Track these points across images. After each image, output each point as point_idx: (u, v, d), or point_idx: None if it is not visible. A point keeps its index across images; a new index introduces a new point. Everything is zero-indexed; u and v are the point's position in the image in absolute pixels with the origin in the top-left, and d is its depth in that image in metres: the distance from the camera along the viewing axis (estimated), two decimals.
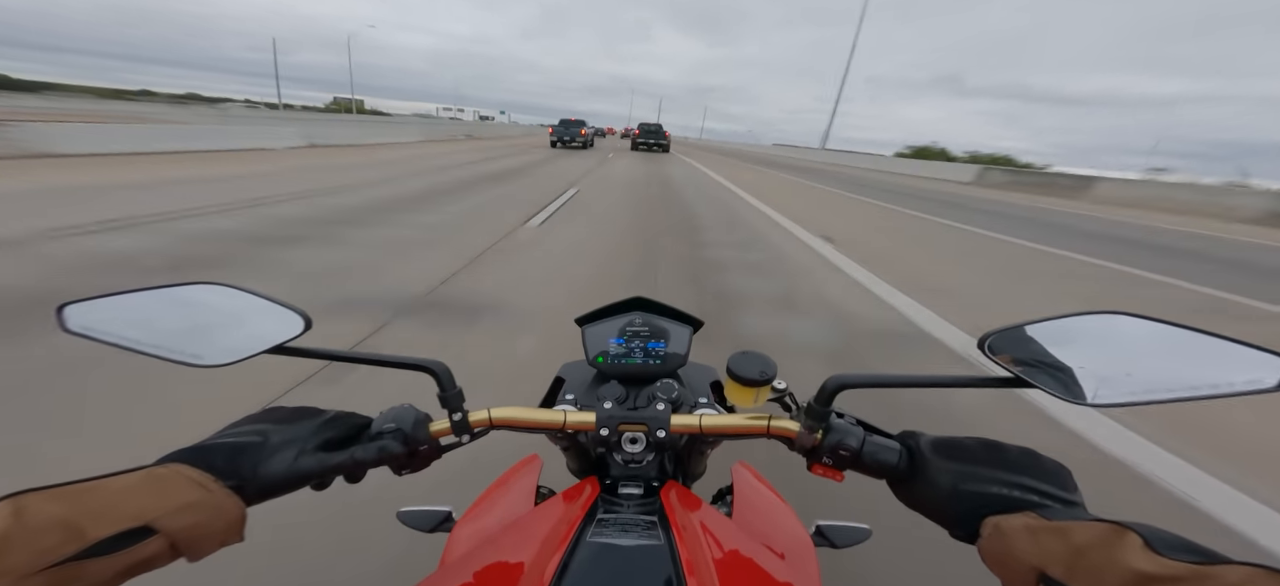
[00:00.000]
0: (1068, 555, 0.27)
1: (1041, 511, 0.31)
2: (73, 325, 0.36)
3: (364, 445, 0.40)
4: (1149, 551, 0.24)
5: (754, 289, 3.38)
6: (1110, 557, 0.25)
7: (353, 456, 0.39)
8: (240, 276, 2.87)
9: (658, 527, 0.41)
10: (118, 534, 0.26)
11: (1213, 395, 0.30)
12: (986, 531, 0.32)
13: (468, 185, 7.55)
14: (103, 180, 5.84)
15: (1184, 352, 0.32)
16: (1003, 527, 0.31)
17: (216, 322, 0.40)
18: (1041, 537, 0.29)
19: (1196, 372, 0.31)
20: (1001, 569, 0.31)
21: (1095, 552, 0.26)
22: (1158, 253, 6.01)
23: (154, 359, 0.37)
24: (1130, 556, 0.24)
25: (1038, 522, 0.30)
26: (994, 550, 0.31)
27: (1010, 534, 0.30)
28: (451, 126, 31.03)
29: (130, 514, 0.27)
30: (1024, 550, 0.29)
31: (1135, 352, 0.33)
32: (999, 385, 0.37)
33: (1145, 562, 0.24)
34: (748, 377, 0.44)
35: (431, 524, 0.61)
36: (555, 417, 0.46)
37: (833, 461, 0.41)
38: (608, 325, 0.59)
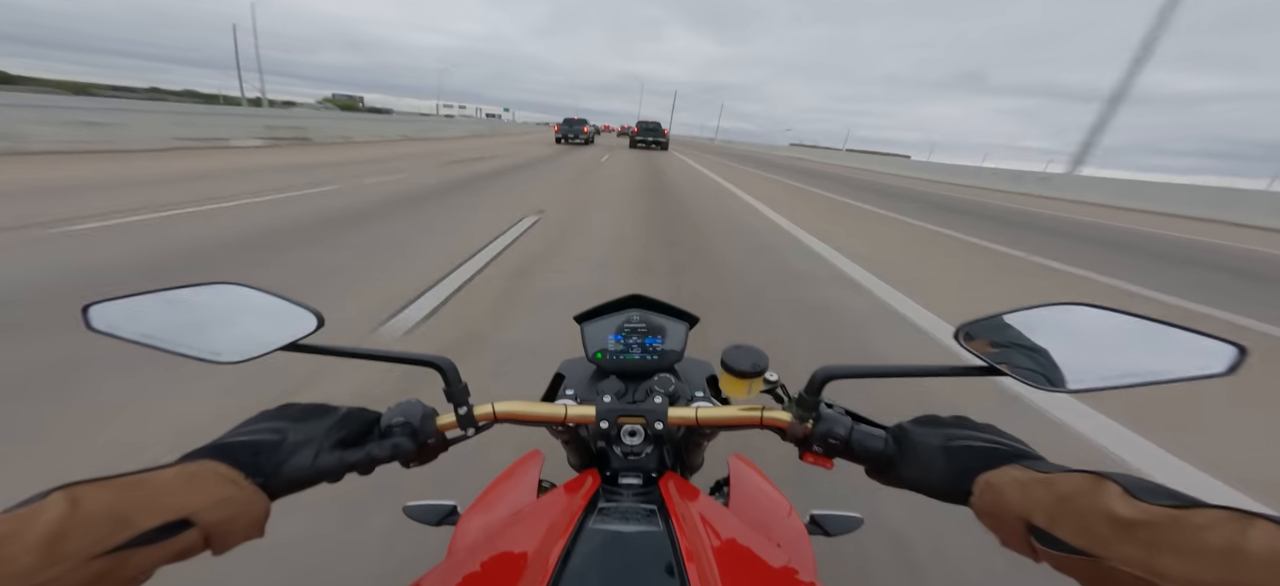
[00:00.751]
0: (1053, 503, 0.28)
1: (1028, 462, 0.33)
2: (96, 324, 0.37)
3: (376, 441, 0.42)
4: (1128, 497, 0.26)
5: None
6: (1093, 504, 0.27)
7: (368, 453, 0.41)
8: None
9: (657, 516, 0.43)
10: (161, 525, 0.28)
11: (1169, 380, 0.32)
12: (979, 488, 0.33)
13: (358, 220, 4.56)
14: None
15: (1143, 341, 0.34)
16: (993, 482, 0.32)
17: (232, 321, 0.41)
18: (1029, 488, 0.30)
19: (1155, 360, 0.33)
20: (994, 522, 0.32)
21: (1079, 500, 0.27)
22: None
23: (174, 355, 0.39)
24: (1111, 502, 0.26)
25: (1025, 474, 0.31)
26: (986, 504, 0.33)
27: (1000, 486, 0.32)
28: (433, 125, 27.71)
29: (172, 507, 0.29)
30: (1014, 500, 0.31)
31: (1099, 341, 0.36)
32: (975, 373, 0.40)
33: (1125, 508, 0.25)
34: (741, 370, 0.46)
35: (437, 517, 0.63)
36: (556, 411, 0.48)
37: (823, 449, 0.43)
38: (606, 322, 0.60)
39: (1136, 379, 0.34)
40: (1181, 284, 4.39)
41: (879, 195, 11.03)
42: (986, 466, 0.34)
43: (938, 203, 10.62)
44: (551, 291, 3.04)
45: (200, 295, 0.41)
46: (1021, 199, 13.60)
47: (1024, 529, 0.30)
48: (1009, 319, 0.39)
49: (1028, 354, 0.38)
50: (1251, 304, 3.80)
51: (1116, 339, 0.35)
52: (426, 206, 5.52)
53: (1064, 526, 0.28)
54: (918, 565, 1.15)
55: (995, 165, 26.75)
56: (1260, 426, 1.94)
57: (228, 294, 0.42)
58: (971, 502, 0.34)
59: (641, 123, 26.17)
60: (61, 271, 2.78)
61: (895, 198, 10.81)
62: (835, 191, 10.94)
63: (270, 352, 0.41)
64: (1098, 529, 0.26)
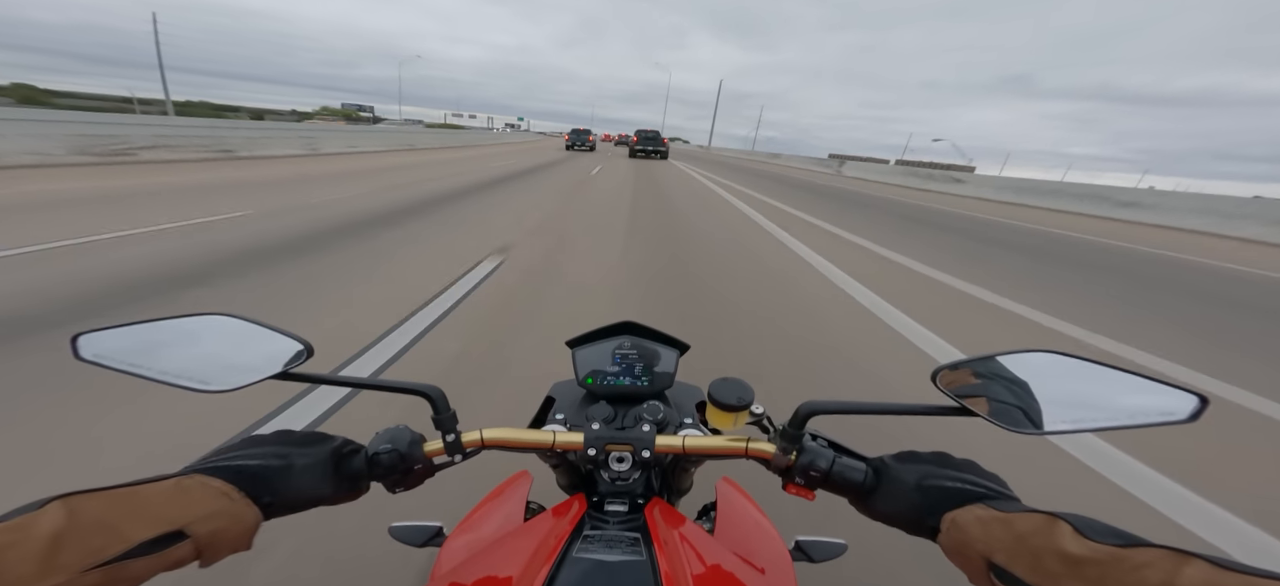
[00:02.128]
0: (1011, 542, 0.30)
1: (990, 502, 0.34)
2: (85, 354, 0.38)
3: (366, 466, 0.43)
4: (1078, 536, 0.27)
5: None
6: (1046, 543, 0.28)
7: (355, 478, 0.42)
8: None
9: (641, 543, 0.43)
10: (155, 537, 0.28)
11: (1132, 426, 0.34)
12: (945, 526, 0.35)
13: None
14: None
15: (1111, 388, 0.36)
16: (959, 520, 0.34)
17: (221, 351, 0.42)
18: (990, 527, 0.32)
19: (1121, 407, 0.35)
20: (959, 559, 0.34)
21: (1034, 539, 0.29)
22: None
23: (163, 385, 0.39)
24: (1063, 541, 0.27)
25: (987, 513, 0.33)
26: (951, 542, 0.34)
27: (965, 525, 0.33)
28: (416, 135, 24.69)
29: (166, 518, 0.29)
30: (976, 538, 0.32)
31: (1069, 387, 0.37)
32: (950, 413, 0.41)
33: (1075, 546, 0.27)
34: (727, 403, 0.47)
35: (422, 539, 0.63)
36: (544, 438, 0.48)
37: (805, 481, 0.44)
38: (598, 348, 0.61)
39: (1103, 423, 0.36)
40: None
41: (1005, 253, 5.89)
42: (953, 505, 0.35)
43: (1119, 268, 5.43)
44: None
45: (189, 325, 0.41)
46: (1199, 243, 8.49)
47: (985, 566, 0.31)
48: (987, 362, 0.41)
49: (1001, 396, 0.39)
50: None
51: (1085, 386, 0.37)
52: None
53: (1020, 564, 0.29)
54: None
55: (1084, 179, 20.85)
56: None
57: (216, 324, 0.42)
58: (939, 540, 0.36)
59: (640, 132, 26.07)
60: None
61: (1022, 257, 5.69)
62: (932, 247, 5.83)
63: (260, 382, 0.42)
64: (1050, 566, 0.27)
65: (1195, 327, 3.50)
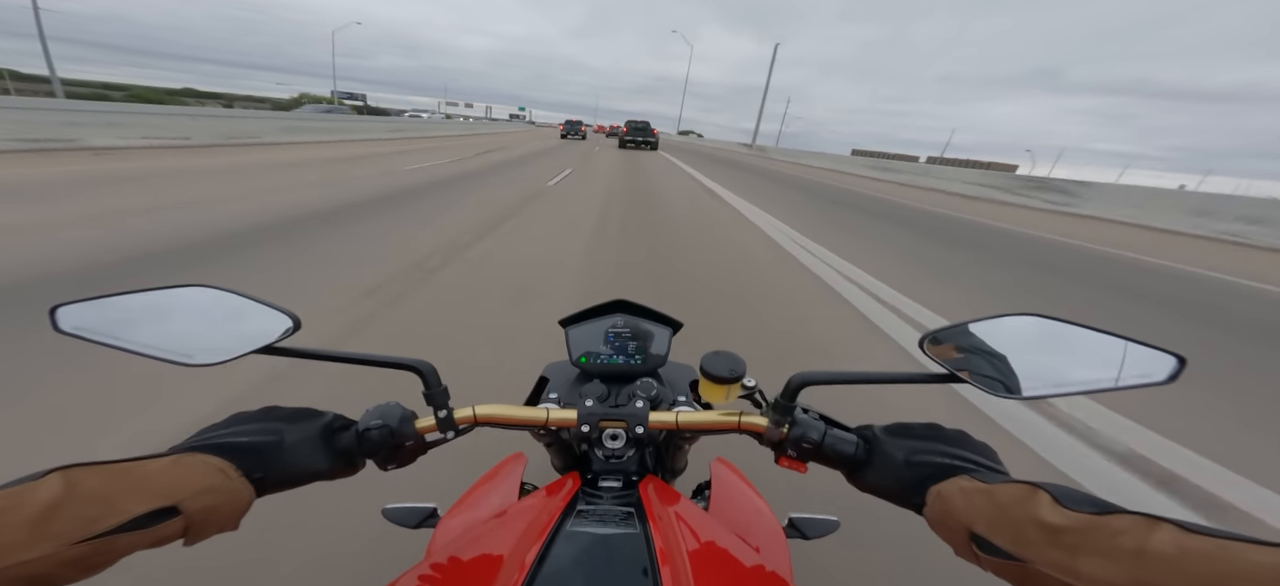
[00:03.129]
0: (992, 512, 0.30)
1: (972, 474, 0.35)
2: (65, 326, 0.36)
3: (357, 442, 0.42)
4: (1057, 506, 0.28)
5: None
6: (1026, 512, 0.29)
7: (348, 454, 0.42)
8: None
9: (635, 518, 0.43)
10: (149, 511, 0.28)
11: (1115, 388, 0.35)
12: (931, 498, 0.36)
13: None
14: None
15: (1093, 350, 0.36)
16: (943, 492, 0.35)
17: (206, 323, 0.41)
18: (973, 498, 0.32)
19: (1103, 369, 0.35)
20: (942, 529, 0.34)
21: (1014, 509, 0.29)
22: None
23: (145, 358, 0.38)
24: (1042, 510, 0.28)
25: (970, 484, 0.33)
26: (936, 514, 0.35)
27: (949, 496, 0.34)
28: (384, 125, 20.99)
29: (161, 493, 0.29)
30: (959, 509, 0.33)
31: (1053, 350, 0.38)
32: (937, 381, 0.41)
33: (1053, 515, 0.27)
34: (719, 376, 0.47)
35: (416, 520, 0.63)
36: (538, 415, 0.48)
37: (797, 453, 0.44)
38: (591, 326, 0.61)
39: (1085, 387, 0.36)
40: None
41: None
42: (939, 478, 0.36)
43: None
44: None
45: (172, 297, 0.40)
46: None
47: (967, 536, 0.32)
48: (972, 327, 0.41)
49: (987, 362, 0.40)
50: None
51: (1069, 348, 0.37)
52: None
53: (1001, 534, 0.29)
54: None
55: (1152, 181, 14.17)
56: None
57: (201, 296, 0.41)
58: (924, 512, 0.36)
59: (630, 123, 25.94)
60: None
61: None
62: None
63: (245, 355, 0.41)
64: (1029, 535, 0.28)
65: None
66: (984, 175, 17.05)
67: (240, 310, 0.42)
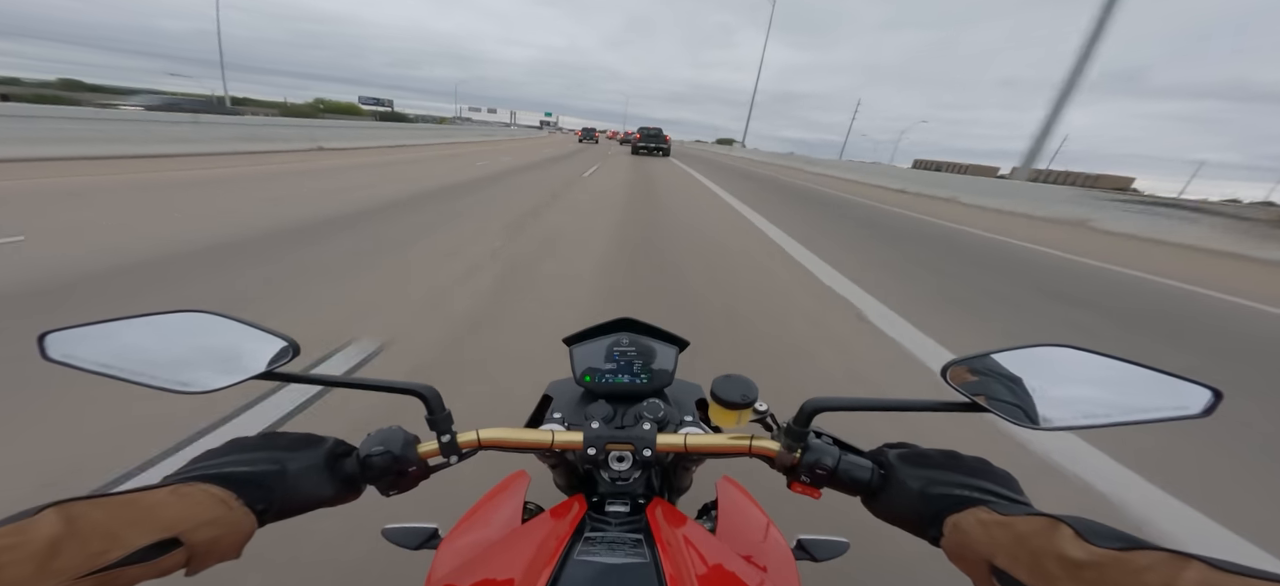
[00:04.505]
0: (1012, 544, 0.30)
1: (992, 506, 0.34)
2: (54, 353, 0.35)
3: (359, 468, 0.42)
4: (1079, 540, 0.27)
5: None
6: (1047, 545, 0.28)
7: (351, 481, 0.41)
8: None
9: (643, 545, 0.42)
10: (151, 544, 0.28)
11: (1145, 421, 0.33)
12: (948, 529, 0.35)
13: None
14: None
15: (1123, 383, 0.35)
16: (961, 524, 0.34)
17: (201, 349, 0.40)
18: (992, 530, 0.31)
19: (1132, 400, 0.34)
20: (961, 562, 0.33)
21: (1034, 541, 0.28)
22: None
23: (139, 387, 0.37)
24: (1064, 545, 0.27)
25: (989, 516, 0.32)
26: (954, 545, 0.34)
27: (966, 528, 0.33)
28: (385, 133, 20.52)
29: (164, 524, 0.29)
30: (978, 541, 0.32)
31: (1080, 382, 0.36)
32: (959, 410, 0.40)
33: (1076, 550, 0.26)
34: (731, 401, 0.46)
35: (417, 541, 0.61)
36: (543, 438, 0.47)
37: (810, 479, 0.43)
38: (595, 345, 0.60)
39: (1114, 418, 0.35)
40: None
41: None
42: (956, 508, 0.35)
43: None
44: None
45: (166, 323, 0.39)
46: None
47: (987, 569, 0.31)
48: (996, 356, 0.40)
49: (1009, 390, 0.38)
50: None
51: (1097, 380, 0.36)
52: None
53: (1020, 567, 0.28)
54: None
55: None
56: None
57: (196, 322, 0.40)
58: (942, 544, 0.35)
59: (643, 129, 26.00)
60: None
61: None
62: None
63: (244, 381, 0.40)
64: (1050, 569, 0.27)
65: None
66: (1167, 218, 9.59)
67: (235, 335, 0.41)
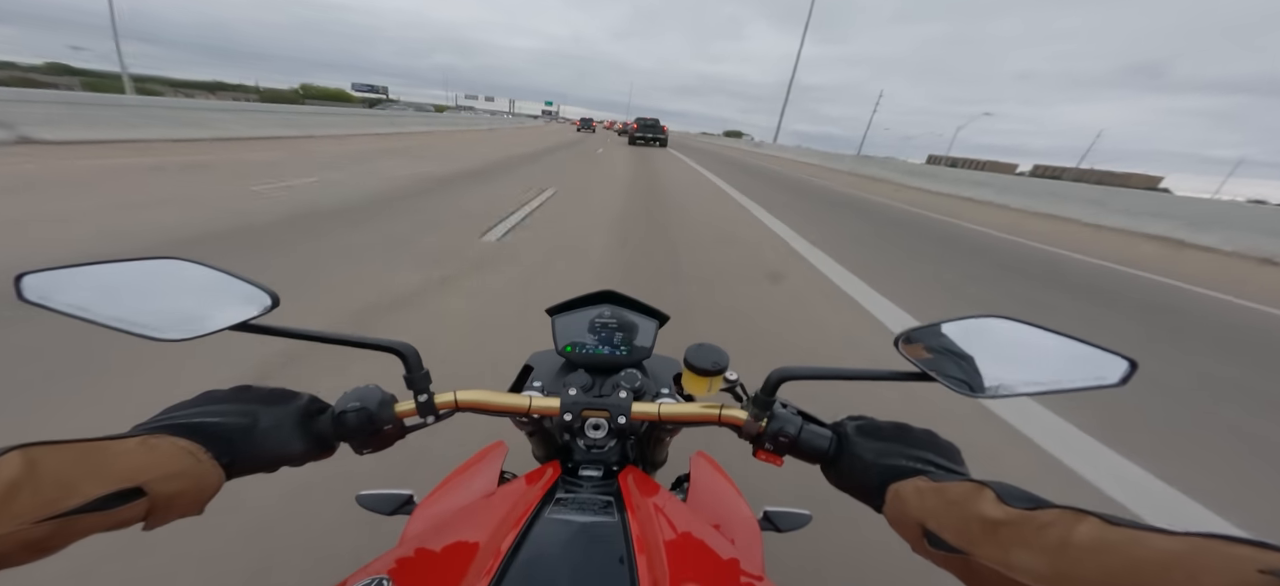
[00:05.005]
0: (942, 509, 0.32)
1: (929, 475, 0.36)
2: (30, 295, 0.35)
3: (333, 425, 0.42)
4: (998, 502, 0.29)
5: None
6: (970, 509, 0.30)
7: (324, 438, 0.41)
8: None
9: (613, 507, 0.44)
10: (112, 493, 0.27)
11: (1071, 390, 0.37)
12: (889, 497, 0.37)
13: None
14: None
15: (1052, 353, 0.39)
16: (900, 492, 0.36)
17: (180, 298, 0.40)
18: (926, 496, 0.34)
19: (1060, 371, 0.38)
20: (899, 526, 0.36)
21: (961, 505, 0.31)
22: None
23: (114, 331, 0.37)
24: (985, 506, 0.30)
25: (925, 484, 0.35)
26: (894, 512, 0.37)
27: (904, 496, 0.36)
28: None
29: (125, 474, 0.28)
30: (913, 508, 0.34)
31: (1016, 351, 0.40)
32: (908, 378, 0.43)
33: (994, 511, 0.29)
34: (702, 368, 0.48)
35: (392, 507, 0.62)
36: (520, 402, 0.48)
37: (774, 447, 0.45)
38: (577, 316, 0.61)
39: (1044, 388, 0.38)
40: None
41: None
42: (898, 478, 0.37)
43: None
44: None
45: (144, 269, 0.39)
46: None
47: (920, 532, 0.33)
48: (944, 328, 0.43)
49: (956, 361, 0.41)
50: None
51: (1031, 349, 0.39)
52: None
53: (948, 529, 0.31)
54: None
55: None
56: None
57: (175, 269, 0.40)
58: (884, 511, 0.38)
59: (640, 120, 25.62)
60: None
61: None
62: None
63: (218, 331, 0.39)
64: (972, 530, 0.29)
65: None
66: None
67: (217, 285, 0.41)
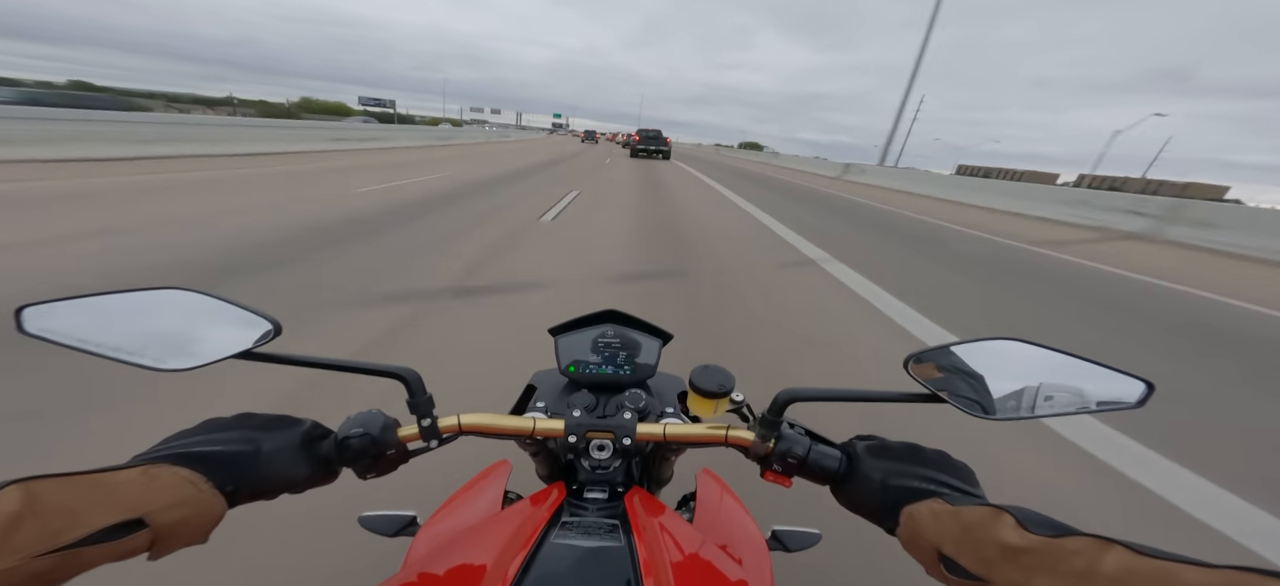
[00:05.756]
0: (959, 533, 0.31)
1: (944, 497, 0.35)
2: (31, 327, 0.35)
3: (336, 450, 0.41)
4: (1019, 528, 0.29)
5: None
6: (989, 534, 0.29)
7: (327, 464, 0.41)
8: None
9: (619, 530, 0.43)
10: (114, 524, 0.27)
11: (1087, 411, 0.36)
12: (903, 519, 0.36)
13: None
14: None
15: (1066, 374, 0.38)
16: (915, 514, 0.35)
17: (182, 328, 0.40)
18: (942, 519, 0.33)
19: (1075, 393, 0.37)
20: (913, 550, 0.35)
21: (978, 530, 0.30)
22: None
23: (115, 363, 0.37)
24: (1004, 533, 0.29)
25: (940, 507, 0.34)
26: (908, 534, 0.36)
27: (919, 518, 0.35)
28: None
29: (128, 505, 0.28)
30: (928, 531, 0.34)
31: (1028, 374, 0.39)
32: (919, 400, 0.42)
33: (1015, 537, 0.28)
34: (708, 390, 0.48)
35: (395, 528, 0.61)
36: (524, 424, 0.48)
37: (782, 468, 0.45)
38: (581, 336, 0.61)
39: (1059, 410, 0.37)
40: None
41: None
42: (912, 500, 0.37)
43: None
44: None
45: (146, 299, 0.39)
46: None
47: (936, 557, 0.32)
48: (954, 349, 0.42)
49: (966, 383, 0.41)
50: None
51: (1044, 372, 0.39)
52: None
53: (966, 554, 0.30)
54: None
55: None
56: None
57: (177, 299, 0.40)
58: (897, 533, 0.37)
59: (642, 131, 24.65)
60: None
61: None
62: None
63: (221, 360, 0.40)
64: (990, 556, 0.29)
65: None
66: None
67: (218, 314, 0.41)
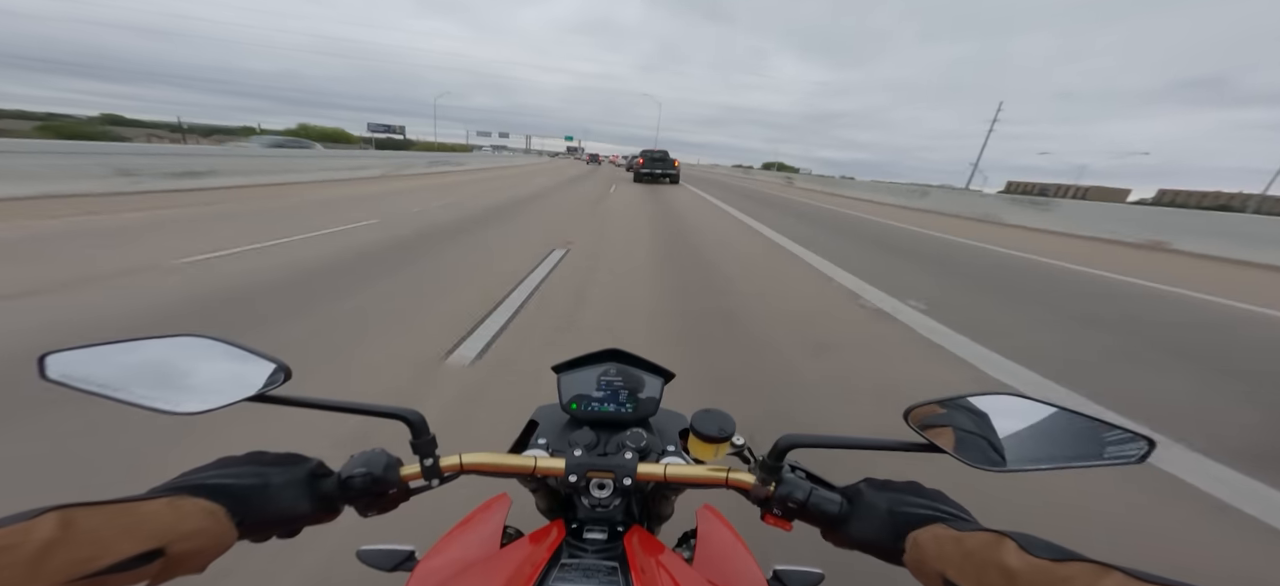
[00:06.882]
0: (961, 558, 0.32)
1: (949, 523, 0.36)
2: (52, 373, 0.37)
3: (339, 488, 0.42)
4: (1021, 552, 0.29)
5: None
6: (991, 558, 0.30)
7: (329, 501, 0.42)
8: None
9: (619, 573, 0.43)
10: (139, 553, 0.28)
11: (1088, 465, 0.36)
12: (909, 545, 0.37)
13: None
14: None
15: (1066, 430, 0.38)
16: (920, 539, 0.36)
17: (196, 372, 0.41)
18: (945, 545, 0.34)
19: (1076, 448, 0.37)
20: (919, 575, 0.36)
21: (981, 555, 0.31)
22: None
23: (132, 407, 0.38)
24: (1006, 557, 0.29)
25: (945, 532, 0.35)
26: (914, 560, 0.36)
27: (924, 543, 0.35)
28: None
29: (153, 534, 0.29)
30: (933, 556, 0.34)
31: (1028, 428, 0.39)
32: (920, 450, 0.43)
33: (1016, 562, 0.29)
34: (709, 434, 0.48)
35: (392, 563, 0.61)
36: (526, 463, 0.48)
37: (782, 512, 0.45)
38: (583, 373, 0.62)
39: (1059, 464, 0.38)
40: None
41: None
42: (918, 525, 0.37)
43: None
44: None
45: (162, 346, 0.41)
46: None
47: (941, 583, 0.33)
48: (952, 403, 0.43)
49: (967, 435, 0.41)
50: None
51: (1043, 427, 0.39)
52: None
53: (968, 579, 0.31)
54: None
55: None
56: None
57: (192, 346, 0.42)
58: (904, 559, 0.38)
59: (647, 152, 21.93)
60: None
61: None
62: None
63: (234, 404, 0.41)
64: (993, 580, 0.29)
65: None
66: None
67: (230, 359, 0.43)
